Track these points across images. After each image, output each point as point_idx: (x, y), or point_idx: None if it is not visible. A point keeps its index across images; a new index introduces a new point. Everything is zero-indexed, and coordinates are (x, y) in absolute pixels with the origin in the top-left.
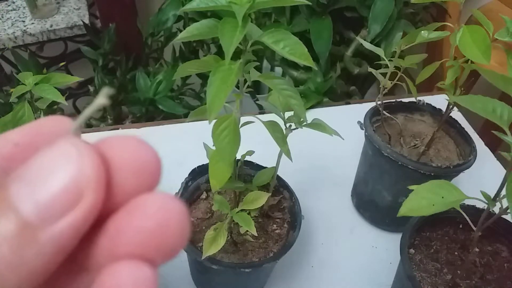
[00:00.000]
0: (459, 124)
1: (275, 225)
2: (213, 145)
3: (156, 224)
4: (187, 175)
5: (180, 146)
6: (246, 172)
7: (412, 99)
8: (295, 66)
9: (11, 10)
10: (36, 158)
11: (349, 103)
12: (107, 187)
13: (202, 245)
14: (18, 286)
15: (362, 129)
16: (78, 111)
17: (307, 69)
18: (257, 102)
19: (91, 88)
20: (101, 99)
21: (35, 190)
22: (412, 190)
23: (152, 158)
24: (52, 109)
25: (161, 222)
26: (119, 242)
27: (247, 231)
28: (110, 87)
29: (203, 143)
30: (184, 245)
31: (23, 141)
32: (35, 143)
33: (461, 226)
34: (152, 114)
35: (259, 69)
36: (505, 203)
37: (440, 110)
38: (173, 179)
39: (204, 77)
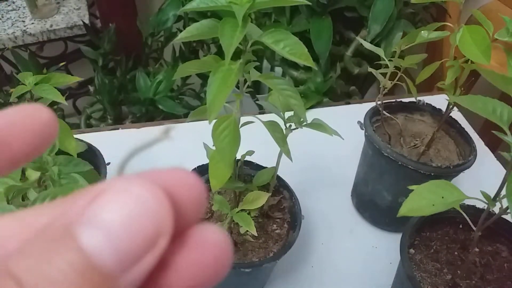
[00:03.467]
0: (459, 124)
1: (275, 225)
2: (213, 145)
3: (214, 258)
4: None
5: (180, 146)
6: (246, 172)
7: (412, 99)
8: (295, 66)
9: (11, 10)
10: (104, 203)
11: (349, 103)
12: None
13: None
14: None
15: (362, 129)
16: (78, 111)
17: (307, 69)
18: (257, 102)
19: (91, 88)
20: (163, 135)
21: (112, 239)
22: (412, 190)
23: (202, 192)
24: (52, 109)
25: (217, 256)
26: (177, 276)
27: (247, 231)
28: (172, 125)
29: (203, 143)
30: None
31: None
32: (5, 136)
33: (461, 226)
34: (152, 114)
35: (259, 69)
36: (505, 203)
37: (440, 110)
38: None
39: (204, 77)
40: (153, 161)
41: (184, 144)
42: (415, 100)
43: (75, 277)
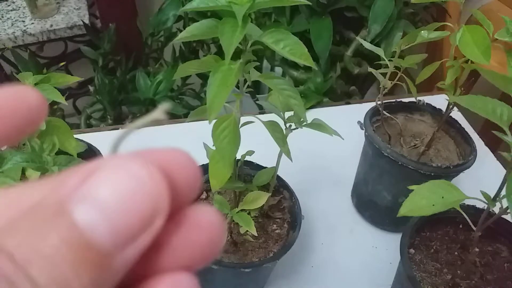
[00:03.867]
0: (459, 124)
1: (275, 225)
2: (213, 145)
3: (208, 239)
4: None
5: (180, 146)
6: (246, 172)
7: (412, 99)
8: (295, 66)
9: (11, 10)
10: (99, 180)
11: (349, 103)
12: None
13: None
14: None
15: (362, 129)
16: (78, 111)
17: (307, 69)
18: (257, 102)
19: (91, 88)
20: (159, 114)
21: (108, 217)
22: (412, 190)
23: (197, 172)
24: (52, 109)
25: (212, 236)
26: (172, 255)
27: (247, 231)
28: (169, 103)
29: (203, 143)
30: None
31: None
32: None
33: (461, 226)
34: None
35: (259, 69)
36: (505, 203)
37: (440, 110)
38: None
39: (204, 77)
40: None
41: (184, 144)
42: (415, 100)
43: (68, 253)
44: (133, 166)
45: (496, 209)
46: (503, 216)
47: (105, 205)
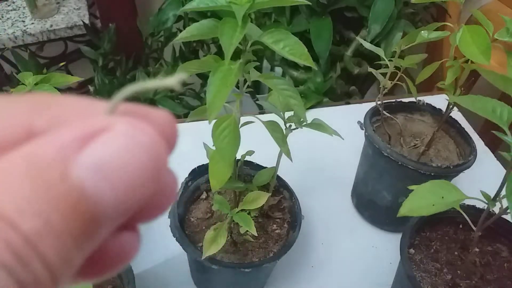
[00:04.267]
0: (459, 124)
1: (275, 225)
2: (213, 145)
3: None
4: (187, 175)
5: (180, 146)
6: (246, 172)
7: (412, 99)
8: (295, 66)
9: (11, 10)
10: (108, 147)
11: (349, 103)
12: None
13: (202, 245)
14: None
15: (362, 129)
16: None
17: (307, 69)
18: (257, 102)
19: (91, 88)
20: (173, 82)
21: (114, 183)
22: (412, 190)
23: (176, 131)
24: None
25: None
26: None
27: (247, 231)
28: (185, 73)
29: (203, 143)
30: None
31: (40, 125)
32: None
33: (461, 226)
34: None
35: (259, 69)
36: (505, 203)
37: (440, 110)
38: None
39: (204, 77)
40: None
41: (184, 144)
42: (415, 100)
43: (75, 224)
44: (142, 136)
45: (496, 209)
46: (503, 216)
47: (108, 172)
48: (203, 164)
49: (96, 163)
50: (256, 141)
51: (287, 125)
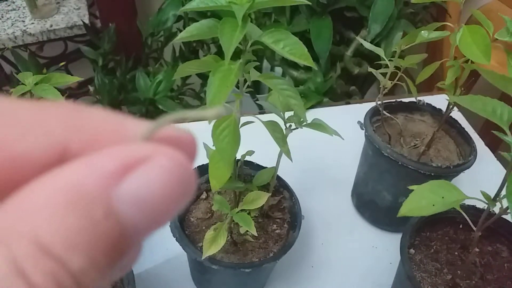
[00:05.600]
0: (459, 124)
1: (275, 225)
2: (213, 145)
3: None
4: None
5: None
6: (246, 172)
7: (412, 99)
8: (295, 66)
9: (11, 10)
10: (148, 178)
11: (349, 103)
12: None
13: (202, 245)
14: None
15: (362, 129)
16: None
17: (307, 69)
18: (257, 102)
19: (91, 88)
20: (212, 114)
21: (149, 216)
22: (412, 190)
23: (196, 150)
24: None
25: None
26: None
27: (247, 231)
28: (222, 108)
29: (203, 143)
30: None
31: (76, 147)
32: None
33: (461, 226)
34: (152, 114)
35: (259, 69)
36: (505, 203)
37: (440, 110)
38: None
39: (204, 77)
40: None
41: None
42: (415, 100)
43: (108, 249)
44: (178, 170)
45: (496, 209)
46: (503, 216)
47: (152, 212)
48: (203, 164)
49: (135, 196)
50: (256, 141)
51: (287, 125)
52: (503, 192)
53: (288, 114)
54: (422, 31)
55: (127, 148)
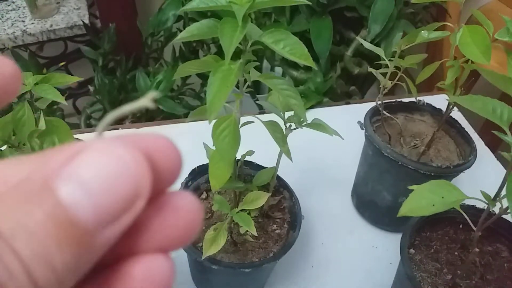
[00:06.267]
0: (459, 124)
1: (275, 225)
2: (213, 145)
3: (185, 223)
4: (187, 175)
5: (180, 146)
6: (246, 172)
7: (412, 99)
8: (295, 66)
9: (11, 10)
10: (84, 161)
11: (349, 103)
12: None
13: (202, 245)
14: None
15: (362, 129)
16: (78, 111)
17: (307, 69)
18: (257, 102)
19: (91, 88)
20: (146, 101)
21: (92, 196)
22: (412, 190)
23: (179, 157)
24: (52, 109)
25: (189, 221)
26: (150, 237)
27: (247, 231)
28: (156, 92)
29: (203, 143)
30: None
31: None
32: None
33: (461, 226)
34: (152, 114)
35: (259, 69)
36: (505, 203)
37: (440, 110)
38: None
39: (204, 77)
40: None
41: (184, 144)
42: (415, 100)
43: (52, 228)
44: (117, 149)
45: (496, 209)
46: (503, 216)
47: (89, 185)
48: (203, 164)
49: (71, 174)
50: (256, 141)
51: (287, 125)
52: (503, 192)
53: (288, 114)
54: (422, 31)
55: (74, 145)
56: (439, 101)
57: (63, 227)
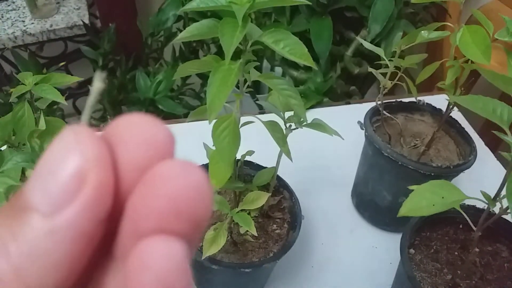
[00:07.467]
0: (459, 124)
1: (275, 225)
2: (213, 145)
3: (174, 191)
4: None
5: (180, 146)
6: (246, 172)
7: (412, 99)
8: (295, 66)
9: (11, 10)
10: (46, 153)
11: (349, 103)
12: (114, 164)
13: (202, 245)
14: (45, 281)
15: (362, 129)
16: (78, 111)
17: (307, 69)
18: (257, 102)
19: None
20: (98, 83)
21: (45, 182)
22: (412, 190)
23: (160, 130)
24: (52, 109)
25: (179, 188)
26: (139, 218)
27: (247, 231)
28: (102, 72)
29: (203, 143)
30: (210, 213)
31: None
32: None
33: (461, 226)
34: (152, 114)
35: (259, 69)
36: (505, 203)
37: (440, 110)
38: None
39: (204, 77)
40: None
41: (184, 144)
42: (415, 100)
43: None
44: (66, 135)
45: (496, 209)
46: (503, 216)
47: (42, 173)
48: (203, 164)
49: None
50: (256, 141)
51: (287, 125)
52: (503, 192)
53: (288, 114)
54: (422, 31)
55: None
56: (439, 101)
57: (17, 213)
